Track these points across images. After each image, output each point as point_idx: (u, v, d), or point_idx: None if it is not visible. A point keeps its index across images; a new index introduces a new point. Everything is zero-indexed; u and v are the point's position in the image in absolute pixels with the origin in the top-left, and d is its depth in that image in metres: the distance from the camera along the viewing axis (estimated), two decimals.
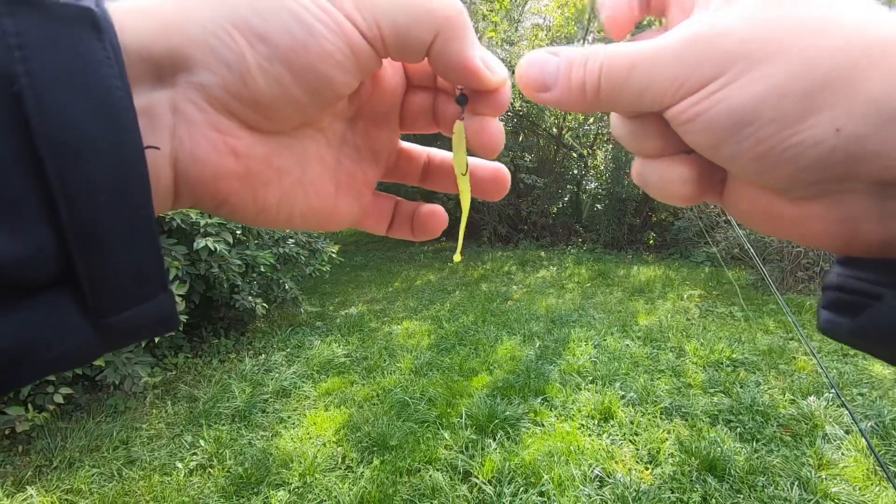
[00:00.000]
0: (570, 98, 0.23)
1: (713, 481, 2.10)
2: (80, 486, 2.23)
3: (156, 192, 0.20)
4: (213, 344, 3.66)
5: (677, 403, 2.72)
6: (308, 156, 0.26)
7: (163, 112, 0.20)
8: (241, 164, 0.22)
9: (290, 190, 0.25)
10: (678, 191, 0.24)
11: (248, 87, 0.21)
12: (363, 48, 0.22)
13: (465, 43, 0.23)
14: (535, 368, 3.16)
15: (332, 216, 0.28)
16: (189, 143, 0.21)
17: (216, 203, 0.23)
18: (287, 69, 0.21)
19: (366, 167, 0.29)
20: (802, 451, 2.30)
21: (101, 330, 0.18)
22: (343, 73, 0.22)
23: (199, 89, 0.20)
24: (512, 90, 0.26)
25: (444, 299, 4.90)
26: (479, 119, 0.27)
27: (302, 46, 0.20)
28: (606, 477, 2.16)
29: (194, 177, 0.21)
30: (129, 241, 0.18)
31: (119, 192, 0.17)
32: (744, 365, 3.20)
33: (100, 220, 0.17)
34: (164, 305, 0.20)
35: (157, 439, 2.60)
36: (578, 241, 7.54)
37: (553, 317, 4.23)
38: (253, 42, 0.20)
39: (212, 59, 0.20)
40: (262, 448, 2.47)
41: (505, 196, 0.32)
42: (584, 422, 2.59)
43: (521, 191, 7.80)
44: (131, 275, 0.18)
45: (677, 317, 4.17)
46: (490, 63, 0.24)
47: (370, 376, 3.23)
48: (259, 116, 0.22)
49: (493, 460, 2.26)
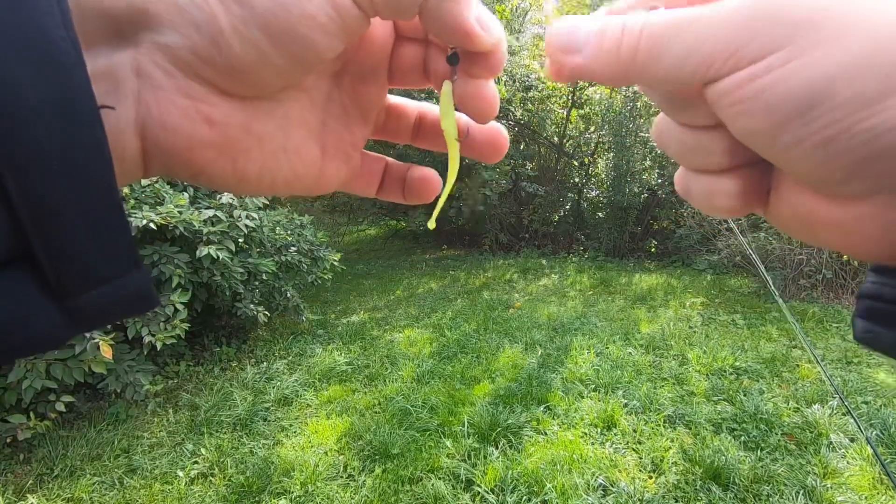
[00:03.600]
0: (600, 61, 0.20)
1: (717, 490, 2.09)
2: (81, 495, 2.22)
3: (121, 161, 0.19)
4: (215, 352, 3.66)
5: (680, 411, 2.70)
6: (291, 119, 0.24)
7: (125, 75, 0.18)
8: (216, 133, 0.21)
9: (273, 157, 0.23)
10: (724, 204, 0.23)
11: (220, 52, 0.19)
12: (349, 9, 0.20)
13: (460, 1, 0.21)
14: (537, 376, 3.15)
15: (318, 181, 0.26)
16: (157, 110, 0.19)
17: (192, 173, 0.21)
18: (265, 33, 0.19)
19: (353, 127, 0.27)
20: (807, 459, 2.28)
21: (67, 311, 0.17)
22: (327, 37, 0.20)
23: (165, 51, 0.18)
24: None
25: (445, 307, 4.90)
26: (472, 82, 0.25)
27: (281, 8, 0.19)
28: (610, 486, 2.15)
29: (166, 146, 0.20)
30: (89, 213, 0.16)
31: (72, 158, 0.15)
32: (747, 373, 3.18)
33: (52, 191, 0.15)
34: (138, 283, 0.19)
35: (158, 448, 2.59)
36: (580, 249, 7.54)
37: (555, 325, 4.22)
38: (226, 2, 0.18)
39: (178, 18, 0.18)
40: (264, 456, 2.46)
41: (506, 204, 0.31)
42: (587, 430, 2.58)
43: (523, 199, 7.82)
44: (95, 250, 0.17)
45: (679, 325, 4.15)
46: (485, 22, 0.22)
47: (372, 384, 3.22)
48: (234, 82, 0.20)
49: (496, 469, 2.24)
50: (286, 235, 4.08)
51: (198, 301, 3.27)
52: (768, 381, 3.07)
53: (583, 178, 7.95)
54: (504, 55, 0.24)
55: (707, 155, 0.22)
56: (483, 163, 0.29)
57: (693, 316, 4.38)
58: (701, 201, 0.24)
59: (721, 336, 3.85)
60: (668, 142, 0.24)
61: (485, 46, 0.23)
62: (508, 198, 7.74)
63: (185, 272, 2.98)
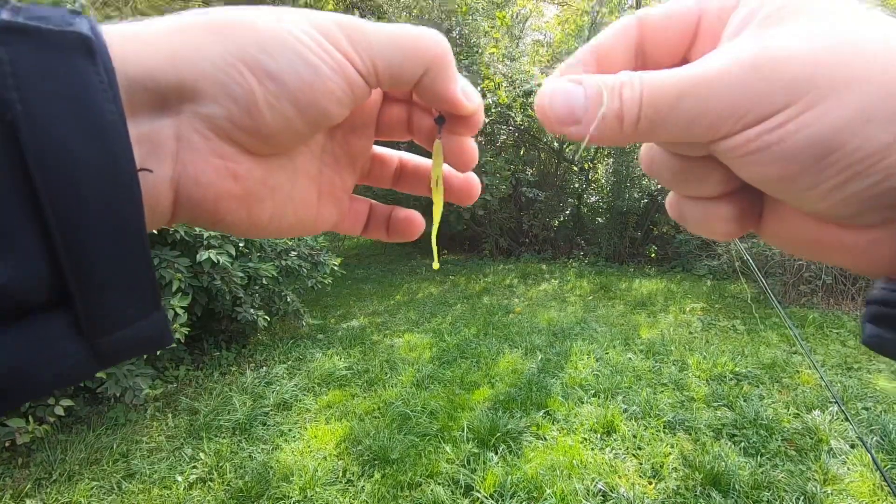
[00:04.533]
0: (602, 133, 0.21)
1: (717, 496, 2.08)
2: (79, 500, 2.22)
3: (153, 212, 0.21)
4: (215, 356, 3.65)
5: (680, 417, 2.70)
6: (297, 171, 0.27)
7: (166, 139, 0.21)
8: (240, 186, 0.24)
9: (282, 204, 0.27)
10: (721, 229, 0.24)
11: (253, 120, 0.22)
12: (359, 84, 0.23)
13: (450, 77, 0.25)
14: (536, 382, 3.15)
15: (314, 223, 0.29)
16: (192, 169, 0.22)
17: (213, 220, 0.24)
18: (293, 106, 0.22)
19: (344, 174, 0.30)
20: (807, 465, 2.28)
21: (94, 350, 0.19)
22: (340, 107, 0.23)
23: (205, 120, 0.21)
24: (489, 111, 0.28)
25: (445, 312, 4.90)
26: (456, 139, 0.29)
27: (308, 86, 0.22)
28: (609, 491, 2.14)
29: (196, 199, 0.22)
30: (122, 261, 0.18)
31: (110, 213, 0.18)
32: (747, 378, 3.18)
33: (91, 241, 0.17)
34: (158, 323, 0.21)
35: (157, 452, 2.58)
36: (580, 254, 7.55)
37: (555, 330, 4.22)
38: (262, 79, 0.21)
39: (220, 93, 0.21)
40: (263, 461, 2.45)
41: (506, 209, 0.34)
42: (587, 435, 2.57)
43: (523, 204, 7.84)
44: (124, 295, 0.19)
45: (679, 330, 4.15)
46: (468, 92, 0.26)
47: (371, 389, 3.22)
48: (260, 144, 0.23)
49: (495, 474, 2.24)
50: (286, 240, 4.09)
51: (198, 305, 3.27)
52: (768, 386, 3.06)
53: (583, 184, 7.97)
54: (482, 118, 0.28)
55: (701, 184, 0.23)
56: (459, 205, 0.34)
57: (693, 321, 4.38)
58: (696, 226, 0.25)
59: (721, 341, 3.85)
60: (659, 171, 0.25)
61: (469, 112, 0.27)
62: (508, 203, 7.75)
63: (186, 276, 2.98)
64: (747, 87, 0.18)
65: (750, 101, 0.18)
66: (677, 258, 6.70)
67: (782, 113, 0.18)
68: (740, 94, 0.19)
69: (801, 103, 0.18)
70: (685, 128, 0.20)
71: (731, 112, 0.19)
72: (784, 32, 0.19)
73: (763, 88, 0.18)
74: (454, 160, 0.29)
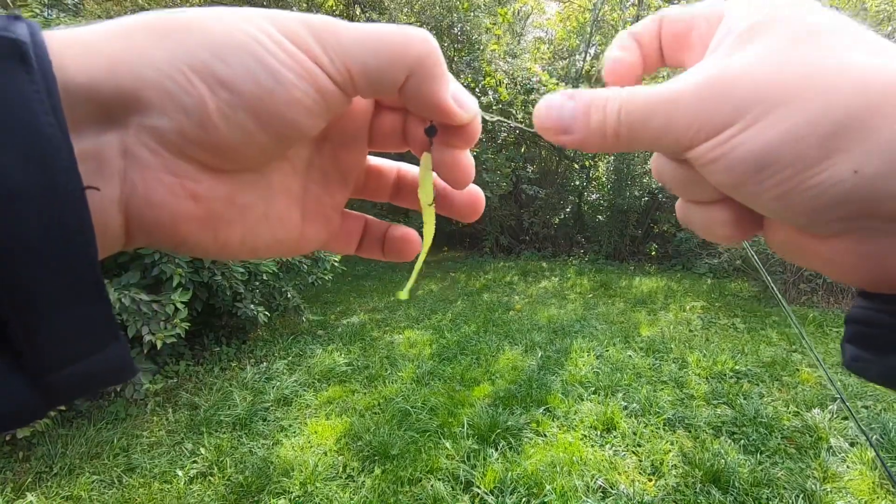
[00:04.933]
0: (590, 140, 0.23)
1: (717, 493, 2.08)
2: (79, 493, 2.22)
3: (103, 236, 0.19)
4: (215, 352, 3.65)
5: (680, 415, 2.70)
6: (273, 189, 0.24)
7: (112, 155, 0.19)
8: (201, 207, 0.21)
9: (254, 225, 0.24)
10: (721, 232, 0.25)
11: (208, 134, 0.19)
12: (332, 92, 0.21)
13: (438, 82, 0.22)
14: (536, 378, 3.15)
15: (298, 244, 0.27)
16: (142, 188, 0.19)
17: (174, 244, 0.22)
18: (251, 116, 0.20)
19: (333, 190, 0.28)
20: (807, 463, 2.28)
21: (42, 389, 0.17)
22: (311, 118, 0.21)
23: (153, 133, 0.19)
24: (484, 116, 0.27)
25: (445, 309, 4.90)
26: (449, 151, 0.26)
27: (268, 94, 0.19)
28: (609, 488, 2.14)
29: (150, 221, 0.20)
30: (69, 291, 0.17)
31: (54, 241, 0.16)
32: (747, 376, 3.18)
33: (33, 271, 0.15)
34: (116, 356, 0.19)
35: (157, 447, 2.58)
36: (580, 252, 7.55)
37: (555, 327, 4.22)
38: (214, 88, 0.19)
39: (168, 103, 0.19)
40: (263, 456, 2.45)
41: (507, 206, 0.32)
42: (587, 432, 2.58)
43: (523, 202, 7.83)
44: (74, 327, 0.17)
45: (679, 328, 4.15)
46: (461, 99, 0.23)
47: (371, 385, 3.22)
48: (220, 160, 0.21)
49: (495, 470, 2.24)
50: None
51: (198, 301, 3.27)
52: (768, 384, 3.07)
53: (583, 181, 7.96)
54: (478, 127, 0.26)
55: (700, 188, 0.24)
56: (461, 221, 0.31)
57: (693, 319, 4.38)
58: (701, 230, 0.26)
59: (721, 340, 3.85)
60: (664, 177, 0.26)
61: (462, 121, 0.24)
62: (509, 200, 7.75)
63: (186, 271, 2.98)
64: (703, 106, 0.20)
65: (702, 118, 0.20)
66: (678, 256, 6.70)
67: (730, 128, 0.20)
68: (697, 111, 0.20)
69: (744, 121, 0.19)
70: (656, 141, 0.22)
71: (688, 127, 0.20)
72: (745, 54, 0.20)
73: (715, 107, 0.20)
74: (447, 176, 0.27)
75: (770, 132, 0.19)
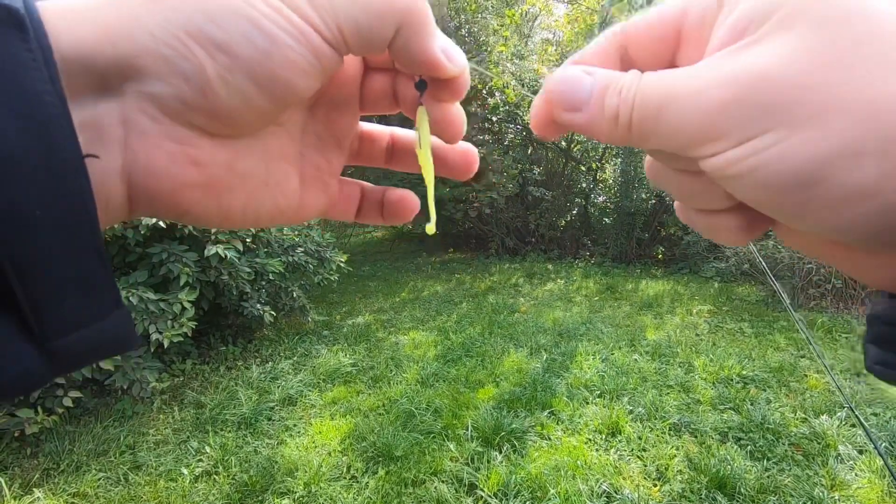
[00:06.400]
0: (599, 125, 0.21)
1: (723, 500, 2.07)
2: (86, 490, 2.24)
3: (105, 206, 0.19)
4: (221, 351, 3.68)
5: (686, 419, 2.68)
6: (271, 154, 0.25)
7: (111, 123, 0.19)
8: (202, 173, 0.21)
9: (256, 192, 0.24)
10: (728, 238, 0.23)
11: (207, 99, 0.20)
12: (326, 52, 0.21)
13: (427, 35, 0.22)
14: (541, 381, 3.14)
15: (299, 211, 0.27)
16: (144, 156, 0.20)
17: (177, 213, 0.22)
18: (250, 80, 0.20)
19: (329, 155, 0.28)
20: (815, 470, 2.26)
21: (47, 354, 0.17)
22: (306, 78, 0.21)
23: (153, 100, 0.19)
24: None
25: (450, 310, 4.90)
26: (439, 106, 0.26)
27: (264, 56, 0.20)
28: (614, 493, 2.13)
29: (152, 189, 0.20)
30: (72, 258, 0.17)
31: (56, 207, 0.16)
32: (754, 382, 3.15)
33: (34, 238, 0.16)
34: (119, 324, 0.19)
35: (163, 445, 2.60)
36: (586, 255, 7.52)
37: (560, 330, 4.20)
38: (212, 52, 0.19)
39: (165, 70, 0.19)
40: (268, 456, 2.46)
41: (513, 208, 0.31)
42: (592, 436, 2.56)
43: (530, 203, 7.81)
44: (77, 294, 0.17)
45: (686, 332, 4.12)
46: (450, 53, 0.23)
47: (376, 386, 3.23)
48: (219, 124, 0.21)
49: (499, 473, 2.24)
50: (293, 236, 4.10)
51: (205, 300, 3.30)
52: (775, 390, 3.04)
53: (590, 184, 7.94)
54: (467, 81, 0.25)
55: (707, 199, 0.22)
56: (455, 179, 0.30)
57: (700, 323, 4.35)
58: (704, 233, 0.25)
59: (728, 344, 3.82)
60: (664, 184, 0.24)
61: (450, 74, 0.24)
62: (515, 202, 7.73)
63: (193, 271, 3.00)
64: (726, 108, 0.17)
65: (729, 123, 0.17)
66: (684, 260, 6.65)
67: (764, 136, 0.17)
68: (717, 114, 0.18)
69: (779, 130, 0.17)
70: (669, 139, 0.19)
71: (709, 130, 0.18)
72: (769, 49, 0.17)
73: (744, 110, 0.17)
74: (439, 130, 0.27)
75: (820, 144, 0.16)
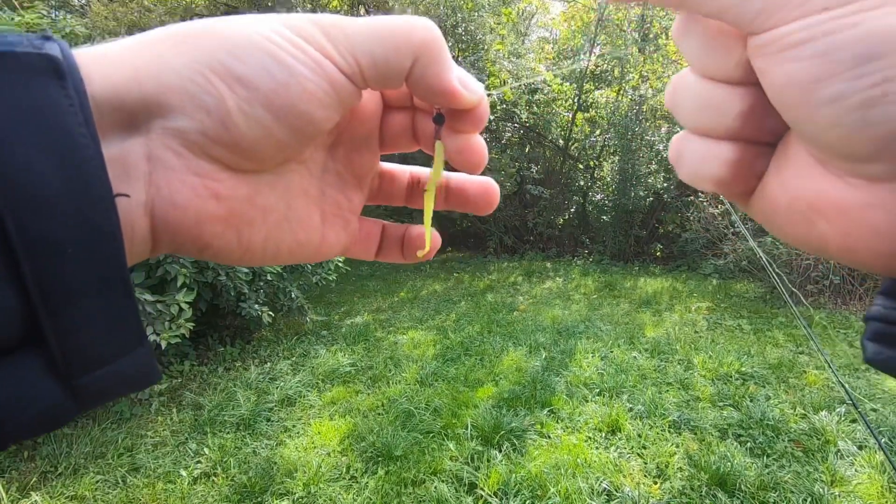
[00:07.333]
0: None
1: (723, 496, 2.07)
2: (84, 493, 2.23)
3: (130, 242, 0.19)
4: (219, 352, 3.66)
5: (686, 417, 2.68)
6: (292, 190, 0.25)
7: (137, 160, 0.19)
8: (223, 207, 0.22)
9: (276, 227, 0.25)
10: (713, 171, 0.22)
11: (228, 131, 0.20)
12: (343, 84, 0.22)
13: (443, 66, 0.23)
14: (541, 380, 3.13)
15: (319, 248, 0.27)
16: (168, 190, 0.20)
17: (199, 247, 0.22)
18: (269, 111, 0.20)
19: (350, 193, 0.29)
20: (815, 466, 2.26)
21: (72, 391, 0.17)
22: (324, 110, 0.22)
23: (176, 135, 0.20)
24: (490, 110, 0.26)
25: (449, 309, 4.89)
26: (460, 137, 0.26)
27: (283, 88, 0.20)
28: (614, 490, 2.13)
29: (174, 223, 0.21)
30: (100, 295, 0.17)
31: (86, 244, 0.16)
32: (753, 378, 3.16)
33: (65, 275, 0.16)
34: (141, 360, 0.19)
35: (161, 447, 2.59)
36: (585, 253, 7.53)
37: (559, 328, 4.20)
38: (232, 85, 0.20)
39: (189, 105, 0.19)
40: (267, 457, 2.45)
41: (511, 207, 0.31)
42: (591, 434, 2.56)
43: (528, 202, 7.81)
44: (103, 331, 0.18)
45: (685, 329, 4.13)
46: (467, 83, 0.24)
47: (375, 386, 3.22)
48: (240, 158, 0.21)
49: (499, 472, 2.23)
50: None
51: (202, 301, 3.28)
52: (775, 386, 3.04)
53: (588, 182, 7.94)
54: (486, 111, 0.26)
55: (719, 114, 0.21)
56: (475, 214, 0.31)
57: (699, 320, 4.35)
58: (690, 166, 0.23)
59: (727, 341, 3.83)
60: (681, 99, 0.23)
61: (470, 104, 0.24)
62: (513, 200, 7.73)
63: (191, 272, 2.99)
64: None
65: None
66: (683, 257, 6.66)
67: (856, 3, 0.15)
68: None
69: None
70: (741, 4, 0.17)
71: None
72: None
73: None
74: (460, 161, 0.27)
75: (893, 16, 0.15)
